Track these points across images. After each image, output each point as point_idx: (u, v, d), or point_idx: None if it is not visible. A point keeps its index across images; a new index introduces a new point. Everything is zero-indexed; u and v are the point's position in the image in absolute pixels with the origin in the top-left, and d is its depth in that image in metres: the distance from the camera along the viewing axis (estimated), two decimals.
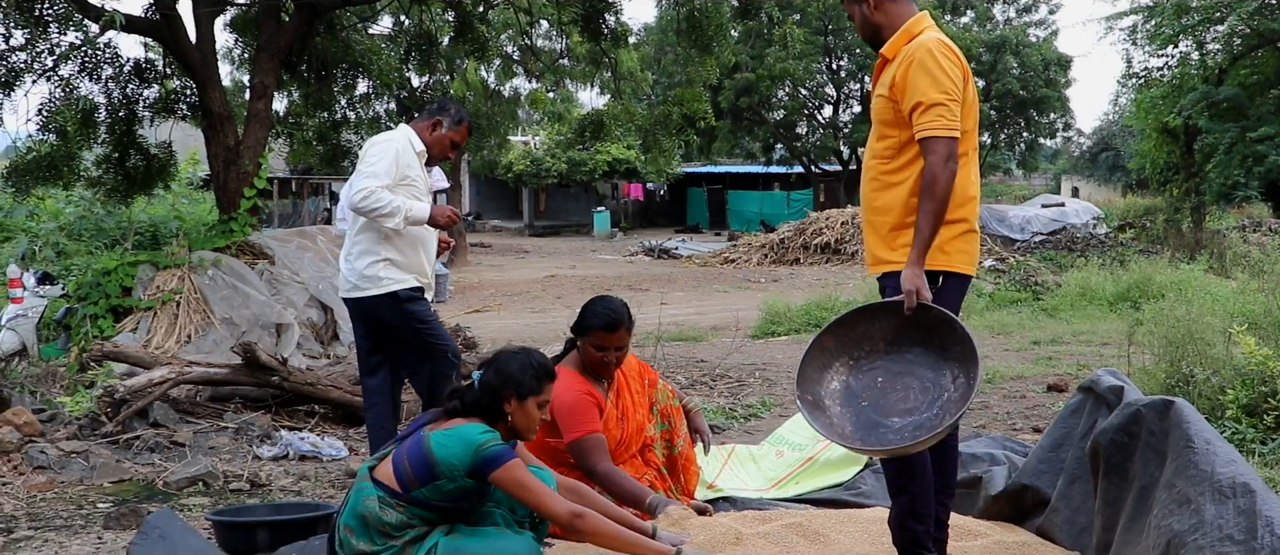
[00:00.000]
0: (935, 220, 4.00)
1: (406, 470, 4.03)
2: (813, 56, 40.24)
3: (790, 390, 9.40)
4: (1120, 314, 13.30)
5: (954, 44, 4.25)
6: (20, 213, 16.99)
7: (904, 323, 4.07)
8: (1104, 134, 59.51)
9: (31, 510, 5.93)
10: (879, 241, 4.24)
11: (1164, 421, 4.00)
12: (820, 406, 4.10)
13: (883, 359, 4.13)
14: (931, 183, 4.00)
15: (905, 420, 4.01)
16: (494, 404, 4.13)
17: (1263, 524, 3.23)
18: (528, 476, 4.02)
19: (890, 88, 4.16)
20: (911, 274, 3.99)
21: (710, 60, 12.77)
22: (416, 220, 5.79)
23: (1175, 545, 3.48)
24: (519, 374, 4.12)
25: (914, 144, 4.10)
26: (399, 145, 5.87)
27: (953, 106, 4.03)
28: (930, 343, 4.06)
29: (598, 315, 5.13)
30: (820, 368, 4.15)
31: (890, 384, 4.09)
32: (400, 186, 5.81)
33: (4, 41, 10.69)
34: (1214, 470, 3.58)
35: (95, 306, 10.42)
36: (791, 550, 4.40)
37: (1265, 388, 6.52)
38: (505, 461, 3.97)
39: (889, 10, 4.27)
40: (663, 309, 15.38)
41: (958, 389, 3.97)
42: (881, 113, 4.24)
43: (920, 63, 4.08)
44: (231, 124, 11.72)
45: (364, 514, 4.04)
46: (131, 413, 7.32)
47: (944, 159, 4.00)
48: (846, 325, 4.19)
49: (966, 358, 3.96)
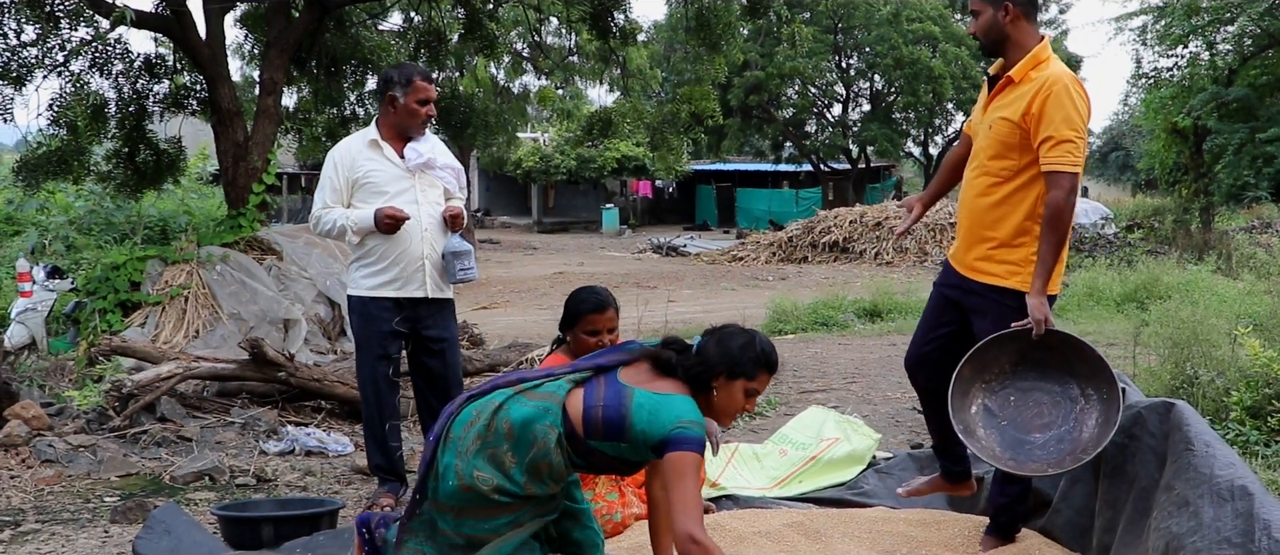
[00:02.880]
0: (1057, 250, 4.26)
1: (597, 419, 3.73)
2: (822, 55, 40.25)
3: (796, 389, 9.46)
4: (1127, 315, 13.27)
5: None
6: (30, 206, 17.05)
7: (1028, 346, 4.31)
8: (1113, 134, 59.41)
9: (39, 503, 5.97)
10: (983, 253, 4.45)
11: (1164, 424, 4.03)
12: (971, 432, 4.36)
13: (1011, 379, 4.40)
14: (1056, 216, 4.22)
15: (1046, 434, 4.28)
16: (703, 374, 3.88)
17: (1260, 527, 3.24)
18: (695, 476, 3.68)
19: (1023, 115, 4.30)
20: (1038, 304, 4.22)
21: (719, 58, 12.79)
22: (361, 229, 5.69)
23: (1173, 547, 3.49)
24: (738, 353, 3.87)
25: (1034, 169, 4.30)
26: (333, 159, 5.78)
27: (1081, 145, 4.26)
28: (1050, 362, 4.33)
29: (586, 301, 5.16)
30: (962, 395, 4.38)
31: (1022, 400, 4.38)
32: (359, 190, 5.73)
33: (15, 37, 10.73)
34: (1213, 473, 3.60)
35: (104, 301, 10.47)
36: (793, 549, 4.42)
37: (1270, 390, 6.52)
38: (691, 449, 3.65)
39: (1023, 27, 4.40)
40: (670, 307, 15.43)
41: (1088, 400, 4.24)
42: (1006, 135, 4.37)
43: (1057, 97, 4.24)
44: (240, 119, 11.75)
45: (532, 441, 3.71)
46: (139, 407, 7.37)
47: (1068, 192, 4.22)
48: (978, 354, 4.39)
49: (1097, 373, 4.23)
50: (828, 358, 11.34)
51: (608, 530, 4.84)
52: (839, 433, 6.30)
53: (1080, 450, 4.16)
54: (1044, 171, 4.27)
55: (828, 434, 6.32)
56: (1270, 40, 22.61)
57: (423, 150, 5.82)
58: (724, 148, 43.72)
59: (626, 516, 4.96)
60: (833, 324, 14.30)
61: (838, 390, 9.25)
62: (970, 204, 4.51)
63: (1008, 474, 4.44)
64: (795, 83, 40.90)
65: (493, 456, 3.70)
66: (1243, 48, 23.06)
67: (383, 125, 5.82)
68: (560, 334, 5.30)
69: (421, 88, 5.74)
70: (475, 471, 3.68)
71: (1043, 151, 4.26)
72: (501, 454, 3.70)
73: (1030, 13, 4.43)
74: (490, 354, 9.25)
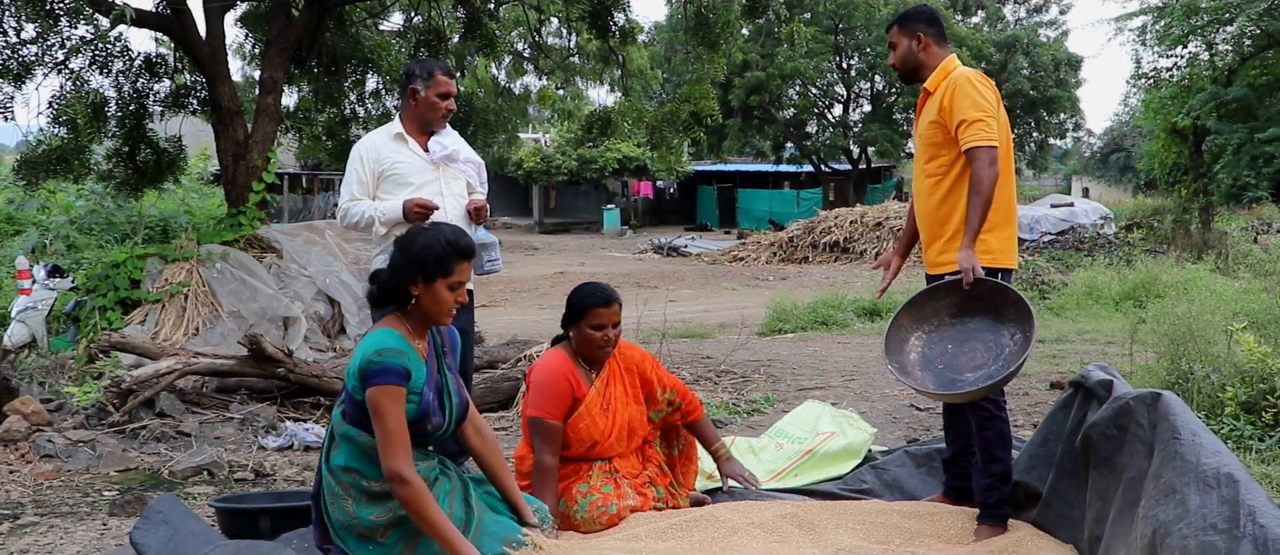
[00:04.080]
0: (982, 213, 4.68)
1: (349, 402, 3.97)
2: (823, 55, 40.29)
3: (793, 386, 9.49)
4: (1125, 313, 13.31)
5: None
6: (32, 206, 17.10)
7: (965, 297, 4.75)
8: (1115, 135, 59.42)
9: (38, 497, 6.01)
10: (942, 247, 4.93)
11: (1152, 414, 4.05)
12: (906, 372, 4.78)
13: (950, 330, 4.82)
14: (978, 184, 4.68)
15: (977, 373, 4.67)
16: (398, 287, 3.95)
17: (1245, 512, 3.27)
18: (393, 410, 3.77)
19: (939, 112, 4.86)
20: (966, 256, 4.66)
21: (718, 58, 12.83)
22: (390, 220, 5.74)
23: (1161, 534, 3.52)
24: (423, 253, 3.92)
25: (963, 159, 4.80)
26: (359, 152, 5.85)
27: (991, 122, 4.74)
28: (987, 311, 4.74)
29: (591, 295, 5.17)
30: (899, 341, 4.84)
31: (959, 349, 4.78)
32: (384, 182, 5.80)
33: (15, 34, 10.77)
34: (1199, 461, 3.62)
35: (104, 299, 10.51)
36: (785, 540, 4.45)
37: (1264, 385, 6.55)
38: (383, 381, 3.77)
39: (933, 51, 5.03)
40: (670, 306, 15.45)
41: (1015, 343, 4.64)
42: (932, 137, 4.93)
43: (960, 88, 4.80)
44: (240, 119, 11.79)
45: (356, 445, 3.95)
46: (138, 403, 7.41)
47: (987, 164, 4.69)
48: (917, 304, 4.87)
49: (1022, 317, 4.63)
50: (826, 356, 11.38)
51: (603, 522, 4.88)
52: (835, 427, 6.33)
53: (1001, 378, 4.56)
54: (964, 149, 4.76)
55: (824, 428, 6.34)
56: (1269, 40, 22.61)
57: (446, 143, 5.90)
58: (725, 148, 43.75)
59: (622, 508, 4.98)
60: (832, 323, 14.35)
61: (836, 388, 9.27)
62: (922, 208, 5.04)
63: (987, 457, 4.80)
64: (796, 83, 40.93)
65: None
66: (1242, 48, 23.07)
67: (405, 119, 5.89)
68: (562, 331, 5.32)
69: (442, 81, 5.82)
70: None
71: (959, 134, 4.77)
72: (343, 501, 3.95)
73: (939, 38, 5.06)
74: (489, 350, 9.28)
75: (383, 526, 3.94)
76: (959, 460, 5.13)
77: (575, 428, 5.07)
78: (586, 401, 5.10)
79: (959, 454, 5.12)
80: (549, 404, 5.01)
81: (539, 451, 4.98)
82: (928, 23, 5.05)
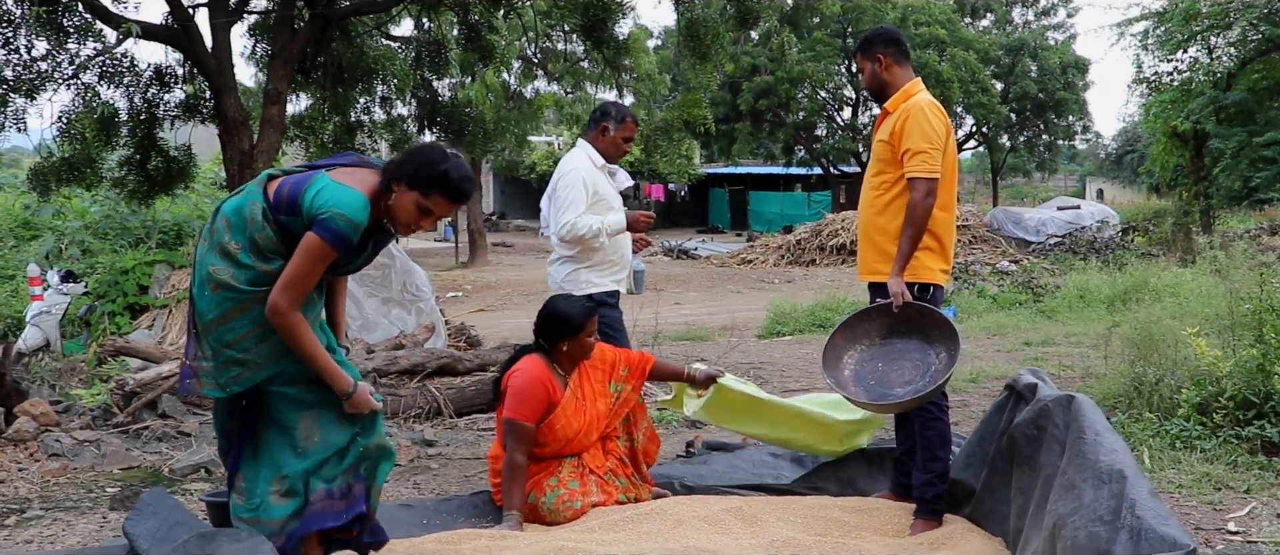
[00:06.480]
0: (914, 242, 5.01)
1: (283, 195, 4.07)
2: (831, 58, 40.49)
3: (779, 388, 9.75)
4: (1115, 315, 13.49)
5: (939, 104, 5.25)
6: (47, 211, 17.44)
7: (894, 319, 5.10)
8: (1128, 136, 59.41)
9: (44, 493, 6.36)
10: (877, 256, 5.22)
11: (1067, 415, 4.36)
12: (842, 385, 5.13)
13: (879, 350, 5.17)
14: (912, 213, 5.00)
15: (906, 388, 5.02)
16: (390, 174, 4.15)
17: (1126, 505, 3.58)
18: (310, 262, 3.98)
19: (891, 134, 5.14)
20: (895, 282, 5.01)
21: (709, 67, 13.11)
22: (615, 231, 6.49)
23: (1058, 526, 3.82)
24: (422, 166, 4.13)
25: (904, 181, 5.07)
26: (583, 173, 6.49)
27: (934, 154, 5.02)
28: (916, 332, 5.09)
29: (582, 311, 5.61)
30: (835, 359, 5.19)
31: (888, 368, 5.12)
32: (595, 204, 6.47)
33: (26, 52, 11.05)
34: (1097, 459, 3.93)
35: (114, 304, 10.83)
36: (727, 532, 4.76)
37: (1214, 388, 6.82)
38: (325, 237, 3.96)
39: (895, 72, 5.32)
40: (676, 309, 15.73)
41: (941, 362, 4.99)
42: (882, 154, 5.22)
43: (914, 117, 5.07)
44: (246, 128, 12.07)
45: (243, 220, 4.08)
46: (141, 405, 7.74)
47: (923, 195, 4.99)
48: (849, 326, 5.23)
49: (947, 337, 5.00)
50: (818, 359, 11.55)
51: (568, 516, 5.23)
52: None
53: (926, 393, 4.91)
54: (907, 178, 5.05)
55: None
56: (1269, 44, 22.73)
57: (621, 178, 6.80)
58: (736, 151, 44.00)
59: (586, 504, 5.34)
60: (829, 326, 14.54)
61: (823, 391, 9.50)
62: (864, 217, 5.34)
63: (928, 455, 5.13)
64: (805, 86, 41.15)
65: (222, 250, 4.08)
66: (1243, 52, 23.18)
67: (599, 149, 6.65)
68: (544, 343, 5.71)
69: (630, 127, 6.70)
70: (210, 267, 4.08)
71: (904, 161, 5.07)
72: (227, 244, 4.07)
73: (900, 56, 5.32)
74: (480, 353, 9.57)
75: None
76: (908, 458, 5.44)
77: (553, 428, 5.46)
78: (562, 404, 5.50)
79: (909, 452, 5.43)
80: (525, 408, 5.40)
81: (511, 450, 5.35)
82: (886, 43, 5.32)
